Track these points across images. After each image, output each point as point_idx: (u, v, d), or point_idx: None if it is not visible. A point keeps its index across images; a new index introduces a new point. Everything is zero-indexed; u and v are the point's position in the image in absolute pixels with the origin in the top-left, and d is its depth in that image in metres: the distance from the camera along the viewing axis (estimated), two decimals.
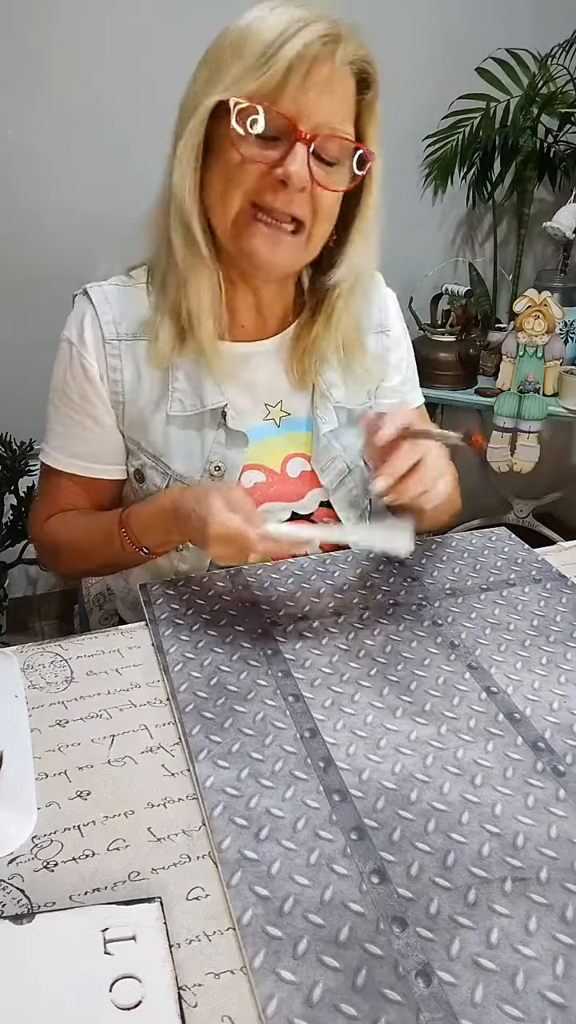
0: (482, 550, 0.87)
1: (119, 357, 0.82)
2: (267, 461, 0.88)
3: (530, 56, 1.91)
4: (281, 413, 0.88)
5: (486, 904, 0.47)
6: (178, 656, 0.69)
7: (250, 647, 0.70)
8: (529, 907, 0.47)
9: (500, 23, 1.92)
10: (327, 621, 0.74)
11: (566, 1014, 0.41)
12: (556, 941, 0.45)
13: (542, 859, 0.50)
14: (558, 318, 1.81)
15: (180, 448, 0.84)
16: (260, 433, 0.87)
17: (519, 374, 1.87)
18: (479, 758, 0.58)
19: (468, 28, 1.92)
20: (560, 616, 0.75)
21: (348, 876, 0.48)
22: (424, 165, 2.06)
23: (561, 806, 0.54)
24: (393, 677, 0.66)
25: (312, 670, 0.67)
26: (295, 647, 0.70)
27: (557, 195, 2.11)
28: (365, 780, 0.55)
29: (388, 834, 0.51)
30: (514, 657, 0.69)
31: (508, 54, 1.91)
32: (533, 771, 0.56)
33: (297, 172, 0.69)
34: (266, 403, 0.87)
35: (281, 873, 0.48)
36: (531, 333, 1.83)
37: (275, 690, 0.65)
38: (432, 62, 1.94)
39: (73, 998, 0.41)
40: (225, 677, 0.66)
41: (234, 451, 0.85)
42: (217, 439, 0.84)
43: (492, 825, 0.52)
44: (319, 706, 0.63)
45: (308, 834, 0.51)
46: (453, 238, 2.20)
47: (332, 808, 0.53)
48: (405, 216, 2.08)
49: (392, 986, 0.42)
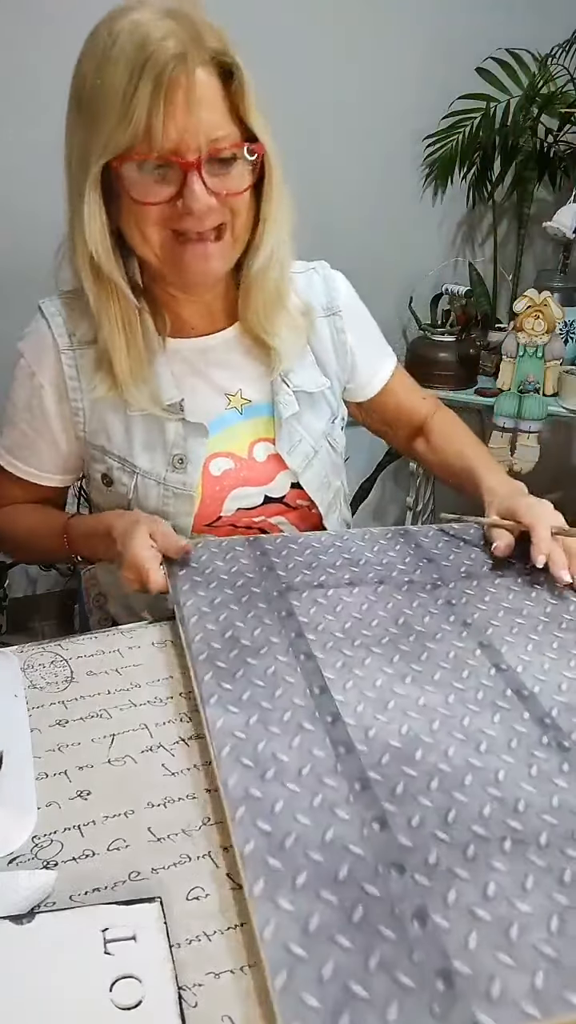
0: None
1: (75, 367, 0.85)
2: (234, 448, 0.90)
3: (530, 56, 1.91)
4: (242, 401, 0.90)
5: (484, 860, 0.47)
6: (194, 609, 0.71)
7: (265, 607, 0.72)
8: (527, 867, 0.47)
9: (500, 23, 1.92)
10: (342, 591, 0.75)
11: (558, 968, 0.41)
12: (552, 900, 0.45)
13: (543, 824, 0.50)
14: (558, 318, 1.81)
15: (143, 445, 0.87)
16: (223, 422, 0.89)
17: (519, 374, 1.87)
18: (485, 727, 0.58)
19: (468, 28, 1.92)
20: (574, 606, 0.75)
21: (349, 821, 0.50)
22: (424, 165, 2.06)
23: (564, 778, 0.54)
24: (404, 647, 0.67)
25: (325, 633, 0.69)
26: (309, 611, 0.72)
27: (557, 195, 2.11)
28: (371, 737, 0.57)
29: (391, 787, 0.52)
30: (525, 640, 0.69)
31: (508, 54, 1.91)
32: (538, 744, 0.57)
33: (197, 202, 0.71)
34: (226, 393, 0.89)
35: (284, 812, 0.50)
36: (531, 333, 1.83)
37: (287, 647, 0.66)
38: (432, 62, 1.94)
39: (73, 998, 0.41)
40: (239, 631, 0.68)
41: (195, 442, 0.87)
42: (178, 432, 0.87)
43: (495, 789, 0.53)
44: (330, 666, 0.64)
45: (313, 780, 0.53)
46: (453, 238, 2.20)
47: (337, 759, 0.55)
48: (405, 216, 2.08)
49: (387, 925, 0.43)
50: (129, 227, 0.75)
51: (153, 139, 0.68)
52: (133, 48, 0.67)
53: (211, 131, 0.70)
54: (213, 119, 0.70)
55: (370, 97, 1.93)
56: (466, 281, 2.05)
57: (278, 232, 0.81)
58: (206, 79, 0.69)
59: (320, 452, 0.94)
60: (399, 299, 2.10)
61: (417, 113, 1.96)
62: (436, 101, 1.96)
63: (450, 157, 2.01)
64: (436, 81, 1.95)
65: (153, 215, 0.73)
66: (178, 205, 0.72)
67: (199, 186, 0.71)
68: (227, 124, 0.71)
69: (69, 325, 0.85)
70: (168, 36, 0.67)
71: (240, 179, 0.74)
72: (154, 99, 0.67)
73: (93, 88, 0.70)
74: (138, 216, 0.74)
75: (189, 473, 0.87)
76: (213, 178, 0.72)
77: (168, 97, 0.67)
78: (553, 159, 2.04)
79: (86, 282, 0.78)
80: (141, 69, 0.66)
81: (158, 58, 0.66)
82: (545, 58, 1.89)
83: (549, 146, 2.01)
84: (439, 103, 1.96)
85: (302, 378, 0.92)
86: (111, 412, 0.86)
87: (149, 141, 0.69)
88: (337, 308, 0.95)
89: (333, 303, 0.95)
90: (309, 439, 0.92)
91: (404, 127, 1.98)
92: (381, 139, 1.99)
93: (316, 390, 0.93)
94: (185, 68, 0.67)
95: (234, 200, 0.75)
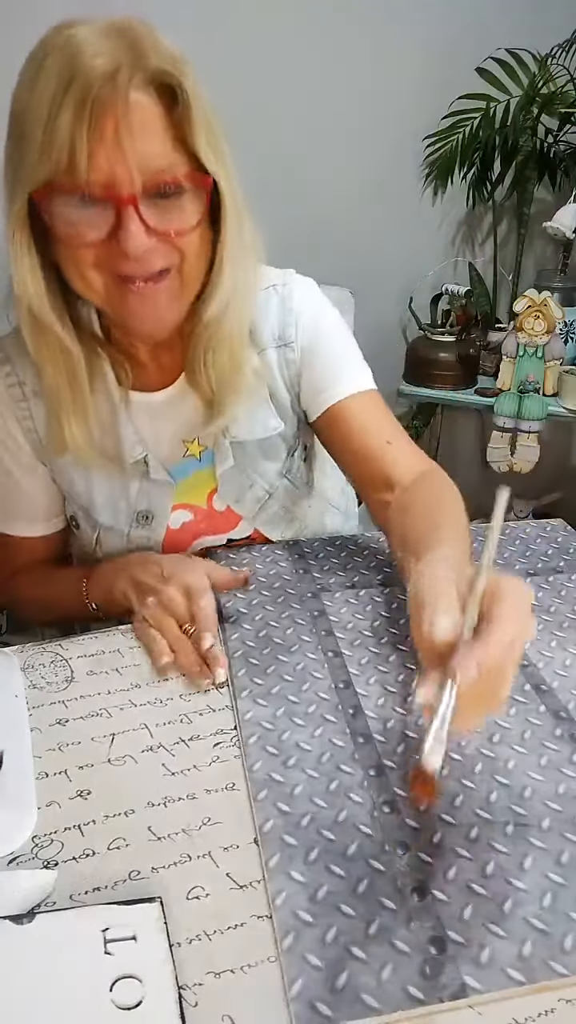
0: (535, 538, 0.89)
1: (31, 418, 0.79)
2: (192, 499, 0.85)
3: (530, 56, 1.91)
4: (199, 447, 0.84)
5: (486, 841, 0.50)
6: (233, 610, 0.75)
7: (299, 607, 0.76)
8: (527, 848, 0.49)
9: (500, 23, 1.92)
10: (373, 591, 0.78)
11: (548, 940, 0.44)
12: (548, 879, 0.47)
13: (547, 810, 0.52)
14: (558, 318, 1.81)
15: (105, 500, 0.83)
16: (182, 471, 0.84)
17: (519, 374, 1.87)
18: (500, 720, 0.60)
19: (468, 28, 1.92)
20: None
21: (362, 804, 0.53)
22: (424, 165, 2.06)
23: (573, 768, 0.56)
24: None
25: (353, 631, 0.72)
26: (340, 610, 0.75)
27: (557, 195, 2.11)
28: (389, 728, 0.60)
29: (403, 775, 0.55)
30: (550, 636, 0.71)
31: (508, 54, 1.91)
32: (551, 736, 0.59)
33: (132, 243, 0.61)
34: (183, 440, 0.83)
35: (302, 795, 0.54)
36: (531, 333, 1.83)
37: (317, 645, 0.70)
38: (432, 62, 1.94)
39: (73, 998, 0.41)
40: (272, 631, 0.72)
41: (161, 498, 0.83)
42: (142, 489, 0.82)
43: (503, 777, 0.55)
44: (355, 663, 0.68)
45: (331, 767, 0.56)
46: (453, 238, 2.20)
47: (355, 748, 0.58)
48: (405, 216, 2.08)
49: (389, 896, 0.46)
50: (68, 270, 0.66)
51: (77, 170, 0.59)
52: (60, 66, 0.58)
53: (148, 161, 0.60)
54: (151, 148, 0.60)
55: (370, 97, 1.93)
56: (466, 281, 2.05)
57: (234, 277, 0.71)
58: (145, 102, 0.59)
59: (277, 491, 0.88)
60: (399, 299, 2.10)
61: (417, 113, 1.96)
62: (436, 101, 1.96)
63: (450, 157, 2.01)
64: (436, 81, 1.95)
65: (89, 257, 0.64)
66: (115, 245, 0.62)
67: (135, 225, 0.61)
68: (169, 153, 0.62)
69: (19, 372, 0.78)
70: (100, 54, 0.58)
71: (187, 214, 0.64)
72: (77, 123, 0.57)
73: (21, 110, 0.61)
74: (74, 258, 0.65)
75: (154, 528, 0.84)
76: (155, 215, 0.62)
77: (95, 122, 0.58)
78: (553, 159, 2.04)
79: (24, 330, 0.70)
80: (65, 89, 0.57)
81: (85, 77, 0.57)
82: (545, 58, 1.89)
83: (549, 146, 2.01)
84: (439, 103, 1.96)
85: (251, 427, 0.83)
86: (70, 464, 0.81)
87: (73, 172, 0.59)
88: (289, 339, 0.82)
89: (285, 332, 0.82)
90: (262, 483, 0.86)
91: (404, 127, 1.98)
92: (381, 139, 1.99)
93: (266, 435, 0.84)
94: (115, 89, 0.57)
95: (180, 240, 0.65)
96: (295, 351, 0.82)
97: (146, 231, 0.62)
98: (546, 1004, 0.42)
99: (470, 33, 1.92)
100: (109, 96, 0.58)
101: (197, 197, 0.64)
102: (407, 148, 2.02)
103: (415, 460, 0.81)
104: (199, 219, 0.65)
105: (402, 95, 1.96)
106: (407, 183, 2.07)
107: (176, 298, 0.69)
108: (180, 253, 0.66)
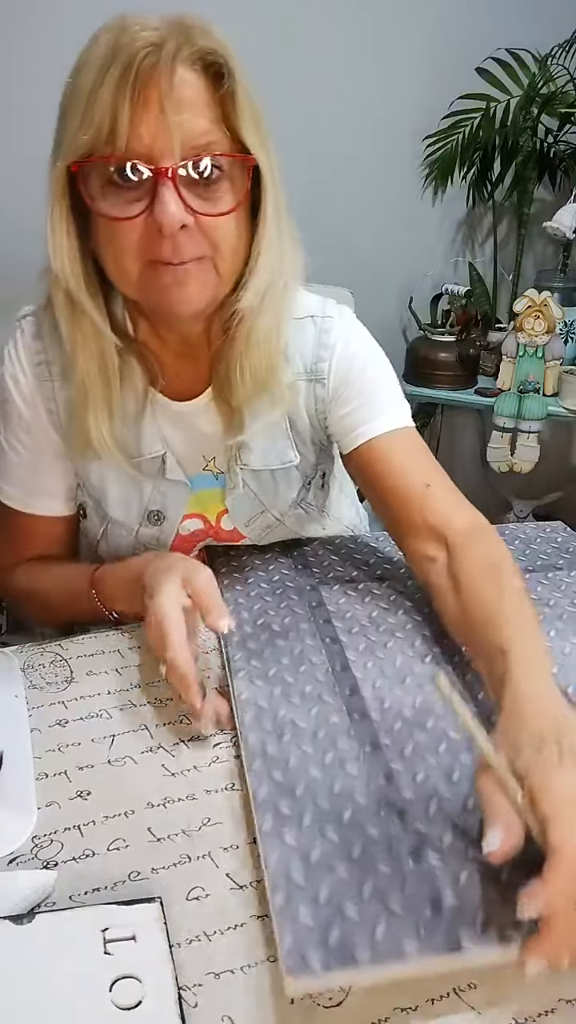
0: (534, 538, 0.91)
1: (53, 400, 0.77)
2: (205, 511, 0.84)
3: (530, 56, 1.91)
4: (216, 469, 0.82)
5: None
6: (231, 599, 0.76)
7: (297, 598, 0.77)
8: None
9: (500, 23, 1.92)
10: (372, 584, 0.79)
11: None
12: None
13: None
14: (558, 318, 1.81)
15: (117, 494, 0.81)
16: (200, 483, 0.82)
17: (519, 374, 1.87)
18: None
19: (468, 28, 1.92)
20: None
21: (357, 776, 0.54)
22: (424, 165, 2.06)
23: None
24: (427, 632, 0.71)
25: (352, 621, 0.73)
26: (339, 601, 0.76)
27: (557, 195, 2.11)
28: (386, 708, 0.61)
29: (400, 749, 0.56)
30: (550, 626, 0.72)
31: (508, 54, 1.91)
32: None
33: (168, 217, 0.60)
34: (203, 455, 0.81)
35: (297, 766, 0.54)
36: (531, 333, 1.83)
37: (315, 632, 0.71)
38: (432, 62, 1.94)
39: (73, 998, 0.41)
40: (271, 618, 0.73)
41: (175, 499, 0.81)
42: (157, 487, 0.80)
43: None
44: (354, 648, 0.69)
45: (327, 742, 0.57)
46: (453, 238, 2.20)
47: (351, 724, 0.59)
48: (405, 216, 2.08)
49: (384, 861, 0.47)
50: (106, 257, 0.65)
51: (118, 139, 0.58)
52: (109, 38, 0.58)
53: (190, 137, 0.59)
54: (194, 124, 0.60)
55: (370, 97, 1.93)
56: (466, 281, 2.05)
57: (272, 272, 0.69)
58: (190, 78, 0.59)
59: (287, 519, 0.86)
60: (399, 299, 2.10)
61: (417, 113, 1.96)
62: (436, 101, 1.96)
63: (450, 157, 2.01)
64: (436, 81, 1.95)
65: (124, 241, 0.63)
66: (150, 223, 0.61)
67: (171, 194, 0.60)
68: (212, 131, 0.61)
69: (48, 351, 0.75)
70: (150, 28, 0.58)
71: (225, 199, 0.63)
72: (120, 91, 0.57)
73: (67, 89, 0.61)
74: (109, 240, 0.64)
75: (165, 530, 0.82)
76: (193, 196, 0.62)
77: (139, 92, 0.57)
78: (553, 159, 2.04)
79: (60, 314, 0.68)
80: (112, 59, 0.57)
81: (132, 47, 0.57)
82: (545, 58, 1.89)
83: (549, 146, 2.01)
84: (439, 103, 1.96)
85: (266, 457, 0.81)
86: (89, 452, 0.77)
87: (113, 142, 0.58)
88: (321, 374, 0.79)
89: (318, 367, 0.79)
90: (273, 512, 0.84)
91: (404, 127, 1.98)
92: (381, 139, 1.99)
93: (280, 467, 0.82)
94: (160, 60, 0.57)
95: (215, 227, 0.63)
96: (326, 388, 0.79)
97: (184, 208, 0.61)
98: (546, 1004, 0.42)
99: (470, 33, 1.92)
100: (154, 67, 0.57)
101: (236, 181, 0.64)
102: (407, 148, 2.02)
103: (456, 507, 0.76)
104: (236, 204, 0.64)
105: (402, 95, 1.96)
106: (407, 183, 2.07)
107: (209, 285, 0.67)
108: (214, 246, 0.64)
